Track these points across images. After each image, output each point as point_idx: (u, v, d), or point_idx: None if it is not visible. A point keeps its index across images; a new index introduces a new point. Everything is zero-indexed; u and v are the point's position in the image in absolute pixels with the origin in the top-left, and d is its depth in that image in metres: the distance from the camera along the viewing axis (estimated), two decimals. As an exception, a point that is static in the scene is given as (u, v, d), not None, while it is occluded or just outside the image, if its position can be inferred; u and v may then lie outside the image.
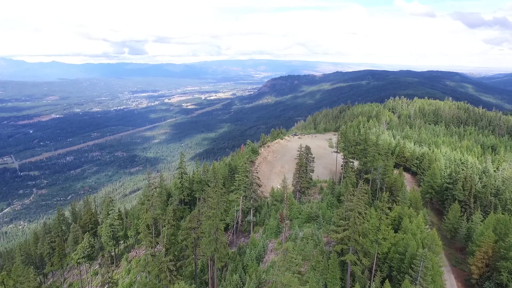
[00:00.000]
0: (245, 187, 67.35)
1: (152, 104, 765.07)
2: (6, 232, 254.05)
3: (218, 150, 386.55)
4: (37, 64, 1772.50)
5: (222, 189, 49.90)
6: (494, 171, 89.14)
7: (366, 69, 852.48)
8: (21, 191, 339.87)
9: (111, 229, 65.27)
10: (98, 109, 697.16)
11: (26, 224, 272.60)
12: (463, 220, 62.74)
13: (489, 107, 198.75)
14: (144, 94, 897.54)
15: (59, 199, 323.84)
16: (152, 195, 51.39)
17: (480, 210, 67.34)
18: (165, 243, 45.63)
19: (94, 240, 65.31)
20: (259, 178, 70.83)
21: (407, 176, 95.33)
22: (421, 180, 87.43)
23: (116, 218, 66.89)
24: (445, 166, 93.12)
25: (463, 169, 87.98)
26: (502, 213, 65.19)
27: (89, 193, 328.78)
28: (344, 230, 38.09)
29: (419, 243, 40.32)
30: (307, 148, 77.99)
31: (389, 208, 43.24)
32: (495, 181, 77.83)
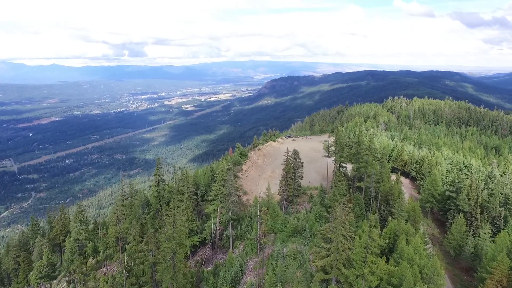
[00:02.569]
0: (222, 197, 60.74)
1: (152, 106, 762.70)
2: (3, 236, 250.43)
3: (218, 151, 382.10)
4: (37, 67, 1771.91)
5: (176, 207, 43.03)
6: (501, 175, 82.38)
7: (366, 69, 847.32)
8: (19, 195, 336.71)
9: (77, 244, 58.71)
10: (98, 112, 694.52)
11: (23, 228, 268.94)
12: (469, 235, 55.86)
13: (489, 107, 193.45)
14: (143, 96, 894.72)
15: (57, 202, 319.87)
16: (122, 206, 46.29)
17: (489, 223, 60.45)
18: (126, 265, 40.27)
19: (58, 257, 59.44)
20: (237, 188, 63.62)
21: (405, 181, 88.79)
22: (421, 186, 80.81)
23: (83, 232, 60.57)
24: (447, 170, 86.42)
25: (467, 175, 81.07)
26: (515, 228, 57.25)
27: (87, 196, 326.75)
28: (327, 256, 32.28)
29: (417, 274, 33.40)
30: (295, 152, 71.60)
31: (380, 235, 37.31)
32: (503, 188, 70.54)
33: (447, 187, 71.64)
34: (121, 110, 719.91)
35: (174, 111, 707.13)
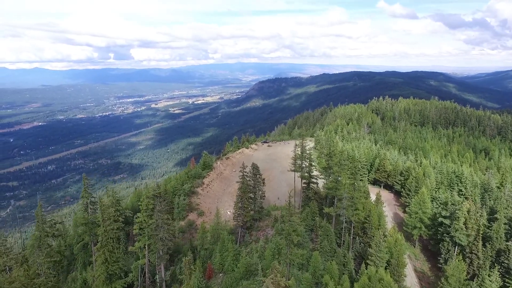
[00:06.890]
0: (150, 232, 49.25)
1: (138, 109, 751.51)
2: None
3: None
4: (19, 71, 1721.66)
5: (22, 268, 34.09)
6: (498, 187, 72.20)
7: (352, 70, 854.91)
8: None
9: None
10: (83, 116, 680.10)
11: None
12: (471, 284, 44.36)
13: (472, 106, 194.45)
14: (130, 100, 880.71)
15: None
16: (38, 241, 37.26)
17: (495, 264, 48.20)
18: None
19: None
20: (167, 218, 51.78)
21: (389, 196, 77.37)
22: (407, 203, 69.25)
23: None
24: (437, 182, 76.07)
25: (460, 190, 70.58)
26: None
27: (70, 203, 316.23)
28: None
29: None
30: (255, 167, 60.13)
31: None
32: (507, 209, 57.90)
33: (437, 207, 60.62)
34: (107, 114, 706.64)
35: (161, 114, 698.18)
